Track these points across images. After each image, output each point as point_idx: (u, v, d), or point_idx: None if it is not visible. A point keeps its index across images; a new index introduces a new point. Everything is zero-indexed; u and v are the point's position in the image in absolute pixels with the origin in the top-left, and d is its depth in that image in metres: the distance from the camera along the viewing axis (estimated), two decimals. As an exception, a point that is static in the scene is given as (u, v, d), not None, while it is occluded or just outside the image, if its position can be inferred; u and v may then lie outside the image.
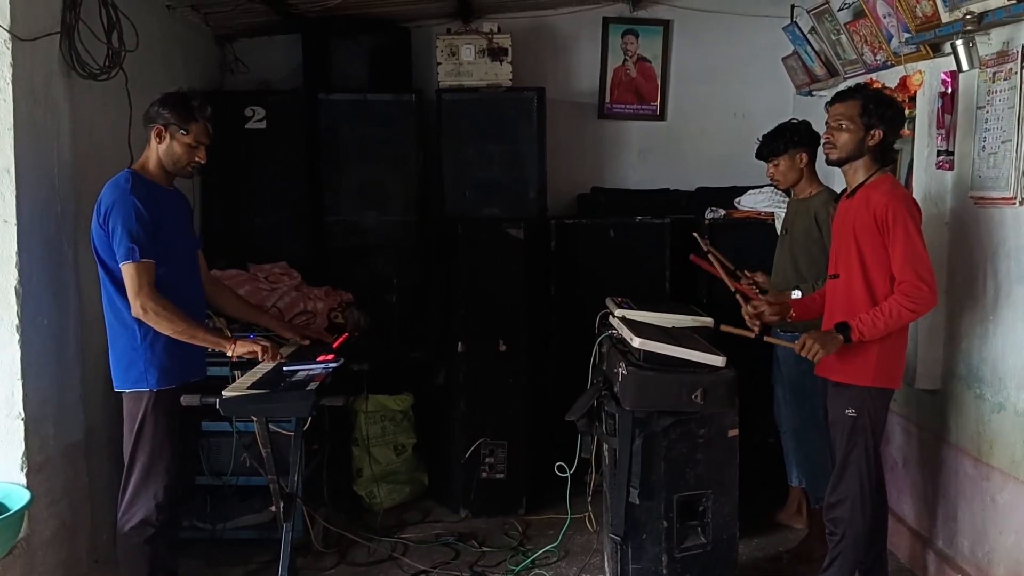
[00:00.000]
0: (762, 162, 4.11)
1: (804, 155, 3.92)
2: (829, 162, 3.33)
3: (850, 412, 3.18)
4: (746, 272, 3.96)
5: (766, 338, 3.44)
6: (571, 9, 5.49)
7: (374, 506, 4.58)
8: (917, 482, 3.87)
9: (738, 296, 3.65)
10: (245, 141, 4.85)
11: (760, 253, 4.21)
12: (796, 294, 3.74)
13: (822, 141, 3.34)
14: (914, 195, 3.73)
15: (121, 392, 3.20)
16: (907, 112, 3.85)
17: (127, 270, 3.04)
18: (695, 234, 4.10)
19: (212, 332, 3.28)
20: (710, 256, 3.95)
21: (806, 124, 3.99)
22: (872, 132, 3.17)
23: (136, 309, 3.05)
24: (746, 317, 3.48)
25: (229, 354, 3.20)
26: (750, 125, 4.73)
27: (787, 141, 3.94)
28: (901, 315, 3.05)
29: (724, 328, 3.37)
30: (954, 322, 3.57)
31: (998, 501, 3.27)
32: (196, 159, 3.24)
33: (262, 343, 3.27)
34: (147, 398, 3.15)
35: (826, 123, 3.30)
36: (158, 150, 3.19)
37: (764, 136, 4.06)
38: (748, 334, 3.37)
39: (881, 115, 3.16)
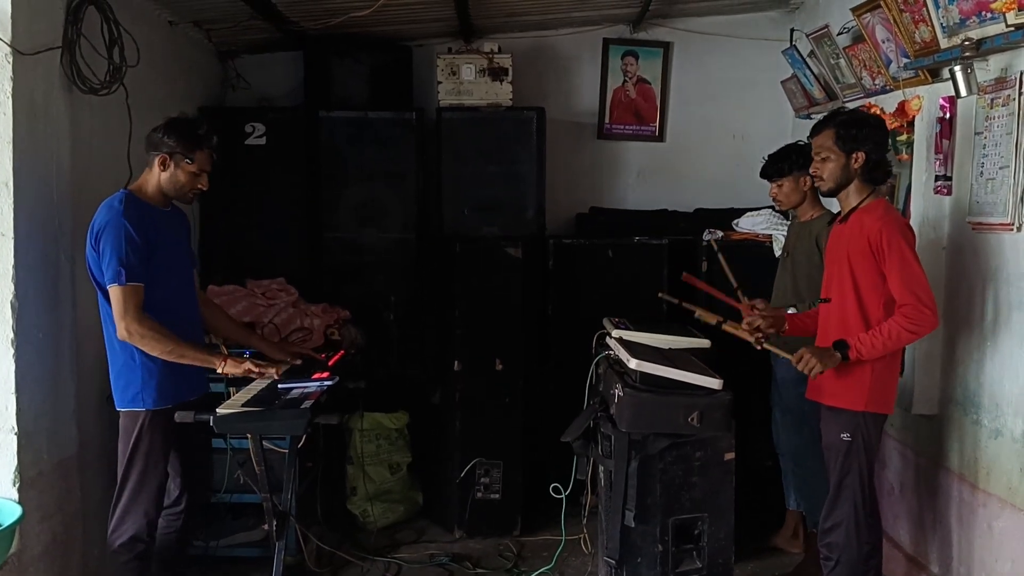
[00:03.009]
0: (762, 184, 4.12)
1: (808, 178, 3.90)
2: (823, 194, 3.35)
3: (844, 436, 3.18)
4: (746, 300, 3.95)
5: (765, 344, 3.42)
6: (572, 30, 5.51)
7: (368, 525, 4.56)
8: (914, 508, 3.85)
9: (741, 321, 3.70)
10: (245, 157, 4.86)
11: (757, 275, 4.21)
12: (791, 312, 3.75)
13: (811, 173, 3.35)
14: (912, 220, 3.74)
15: (119, 411, 3.21)
16: (905, 137, 3.88)
17: (114, 293, 3.04)
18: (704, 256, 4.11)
19: (201, 349, 3.26)
20: (702, 286, 3.96)
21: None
22: (854, 155, 3.17)
23: (121, 332, 3.06)
24: (745, 332, 3.49)
25: (219, 371, 3.20)
26: (749, 148, 4.75)
27: (792, 163, 3.95)
28: (901, 336, 3.05)
29: (726, 328, 3.36)
30: (951, 347, 3.57)
31: (995, 528, 3.25)
32: (199, 186, 3.26)
33: (252, 364, 3.26)
34: (143, 417, 3.15)
35: (811, 157, 3.32)
36: (160, 177, 3.20)
37: (770, 156, 4.06)
38: (748, 337, 3.37)
39: (856, 137, 3.16)
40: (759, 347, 3.42)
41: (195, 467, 3.47)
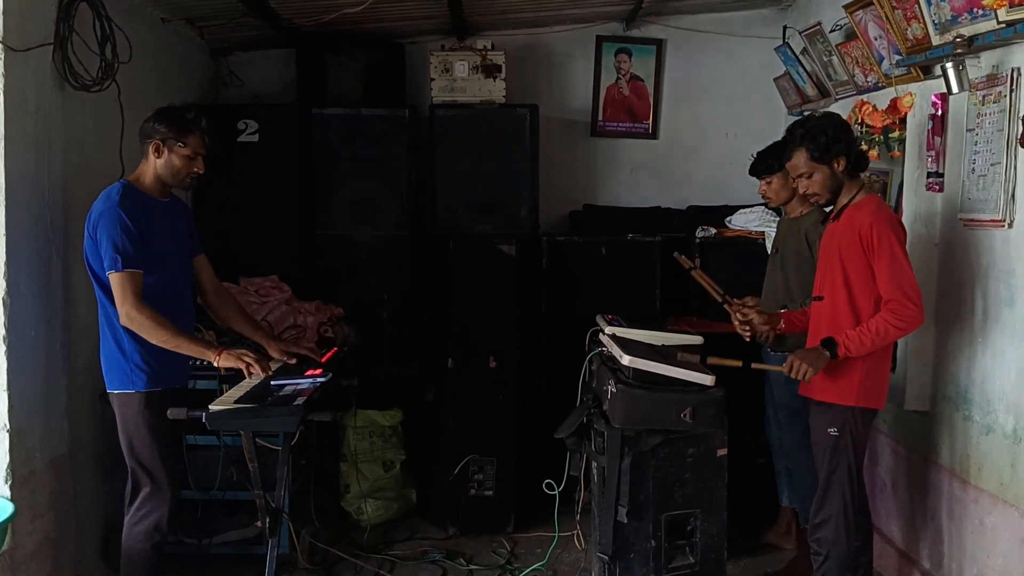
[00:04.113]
0: (755, 181, 4.12)
1: None
2: (822, 206, 3.36)
3: (832, 431, 3.19)
4: (735, 300, 3.93)
5: (754, 366, 3.42)
6: (565, 27, 5.51)
7: (361, 522, 4.56)
8: (906, 504, 3.86)
9: (729, 311, 3.69)
10: (238, 154, 4.85)
11: (750, 272, 4.23)
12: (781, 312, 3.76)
13: (802, 193, 3.36)
14: (904, 216, 3.75)
15: (111, 394, 3.22)
16: (897, 134, 3.88)
17: (113, 279, 3.08)
18: (675, 255, 4.09)
19: (198, 342, 3.27)
20: (696, 275, 3.94)
21: None
22: (835, 162, 3.19)
23: (122, 317, 3.10)
24: (736, 326, 3.48)
25: (215, 364, 3.20)
26: (742, 145, 4.76)
27: (782, 160, 3.94)
28: (888, 332, 3.06)
29: (711, 360, 3.36)
30: (943, 344, 3.58)
31: (986, 523, 3.26)
32: (195, 170, 3.29)
33: (247, 359, 3.26)
34: (137, 400, 3.18)
35: (795, 179, 3.33)
36: (156, 164, 3.23)
37: (759, 153, 4.07)
38: (735, 363, 3.37)
39: (827, 145, 3.17)
40: (750, 368, 3.42)
41: (175, 459, 3.46)
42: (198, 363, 3.37)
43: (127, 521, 3.24)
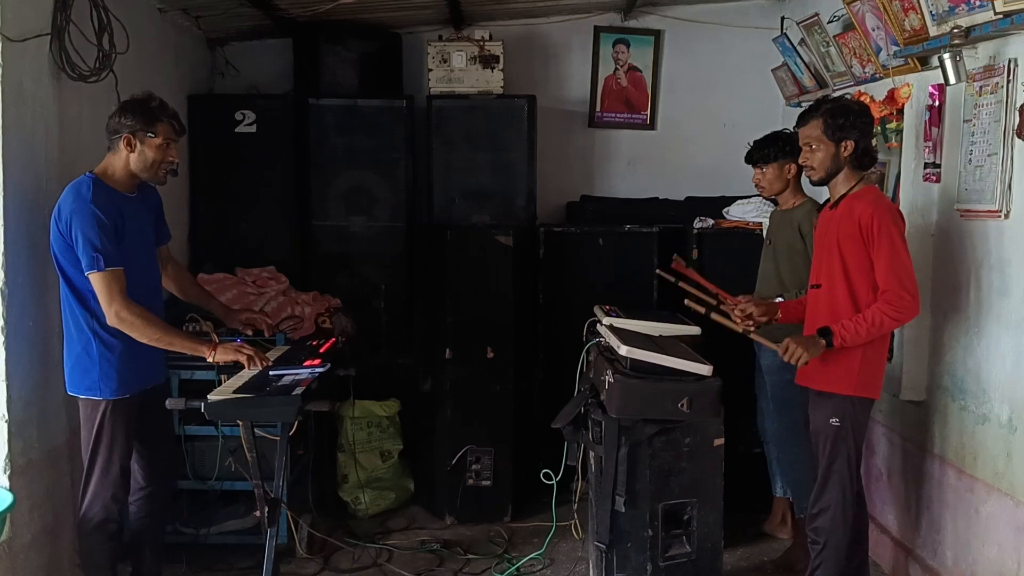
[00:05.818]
0: (750, 170, 4.13)
1: (793, 166, 3.91)
2: (813, 183, 3.35)
3: (834, 421, 3.19)
4: (728, 299, 3.92)
5: (751, 335, 3.43)
6: (563, 18, 5.51)
7: (359, 512, 4.57)
8: (901, 493, 3.88)
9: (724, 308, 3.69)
10: (234, 145, 4.85)
11: (748, 263, 4.22)
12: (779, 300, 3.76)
13: (800, 163, 3.36)
14: (901, 207, 3.75)
15: (75, 397, 3.18)
16: (895, 125, 3.89)
17: (95, 279, 3.01)
18: (675, 257, 4.10)
19: (190, 338, 3.24)
20: (691, 274, 3.94)
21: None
22: (843, 144, 3.18)
23: (111, 317, 3.02)
24: (736, 319, 3.49)
25: (209, 360, 3.18)
26: (739, 136, 4.75)
27: (778, 150, 3.95)
28: (884, 323, 3.07)
29: (714, 316, 3.37)
30: (939, 334, 3.59)
31: (981, 512, 3.28)
32: (169, 158, 3.21)
33: (246, 351, 3.24)
34: (103, 406, 3.13)
35: (796, 144, 3.33)
36: (129, 159, 3.15)
37: (756, 142, 4.07)
38: (736, 327, 3.38)
39: (843, 126, 3.17)
40: (747, 336, 3.43)
41: (163, 452, 3.46)
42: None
43: (80, 518, 3.21)
